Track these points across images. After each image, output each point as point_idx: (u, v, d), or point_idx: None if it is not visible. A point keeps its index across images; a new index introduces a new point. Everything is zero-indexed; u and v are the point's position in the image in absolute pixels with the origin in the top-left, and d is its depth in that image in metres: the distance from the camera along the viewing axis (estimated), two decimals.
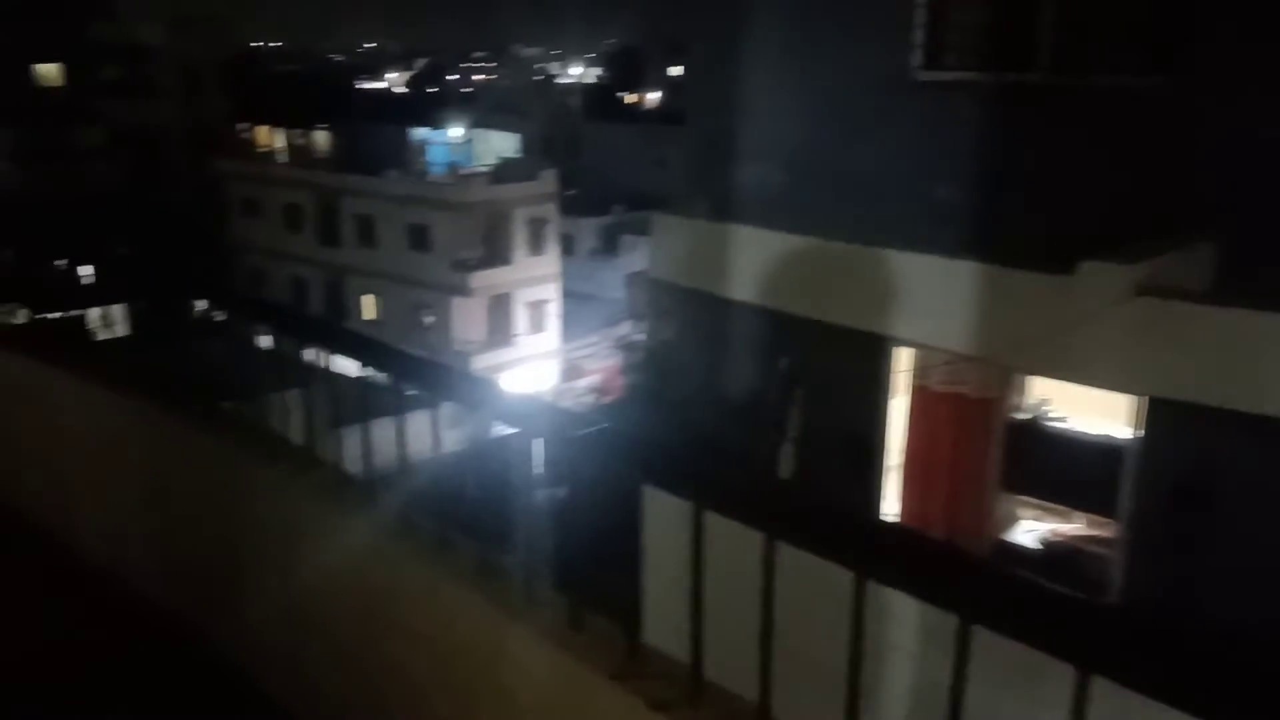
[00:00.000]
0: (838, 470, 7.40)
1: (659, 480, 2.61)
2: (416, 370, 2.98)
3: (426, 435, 2.91)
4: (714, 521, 2.20)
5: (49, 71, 43.24)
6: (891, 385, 7.11)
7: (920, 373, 7.05)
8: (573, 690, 2.49)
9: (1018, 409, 7.16)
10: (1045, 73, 6.45)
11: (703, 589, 2.28)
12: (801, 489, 7.63)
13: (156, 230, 40.83)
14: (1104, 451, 6.48)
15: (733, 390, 8.08)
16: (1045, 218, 6.47)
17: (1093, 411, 6.85)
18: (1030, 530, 7.12)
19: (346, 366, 3.18)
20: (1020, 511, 7.19)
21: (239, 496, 3.69)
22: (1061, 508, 7.10)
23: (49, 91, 43.11)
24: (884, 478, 7.27)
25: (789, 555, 2.10)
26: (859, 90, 7.28)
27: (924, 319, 6.57)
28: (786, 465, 7.63)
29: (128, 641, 3.99)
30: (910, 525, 7.09)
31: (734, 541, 2.17)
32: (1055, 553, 6.93)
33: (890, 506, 7.27)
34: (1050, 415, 7.23)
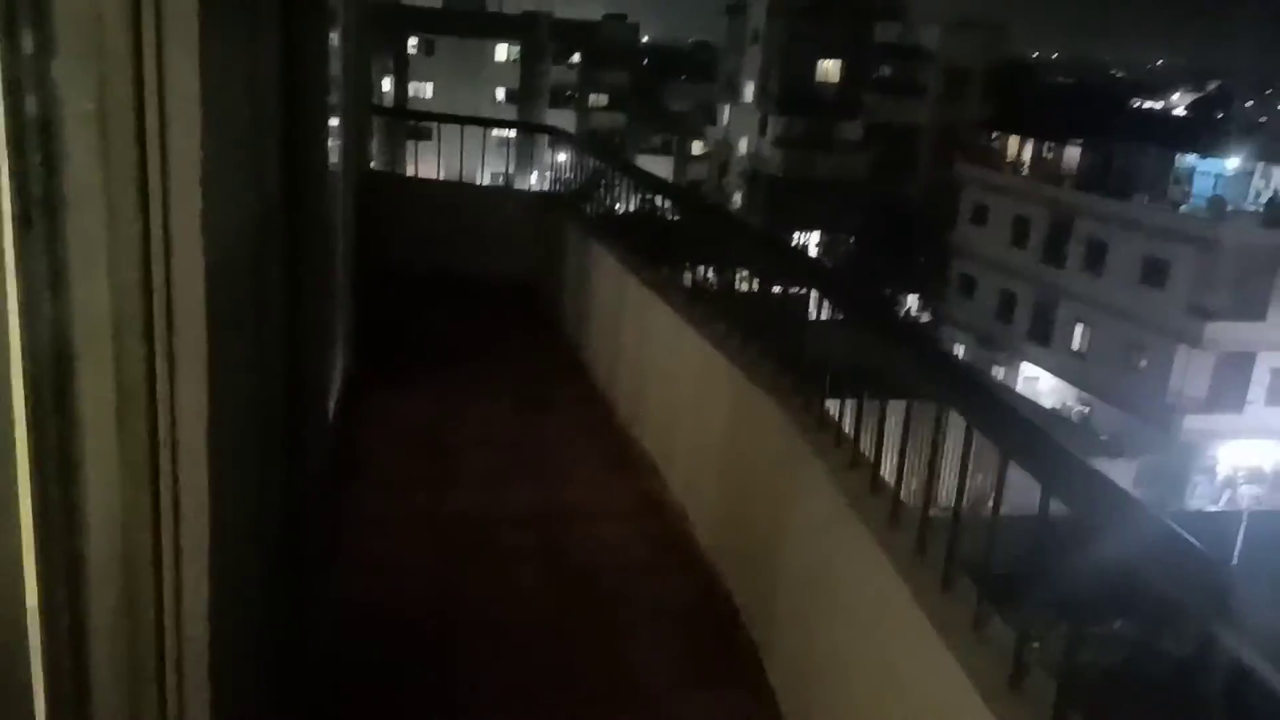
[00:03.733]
0: None
1: None
2: (1071, 474, 2.28)
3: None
4: None
5: (830, 68, 47.02)
6: None
7: None
8: None
9: None
10: None
11: None
12: None
13: (885, 223, 42.55)
14: None
15: None
16: None
17: None
18: None
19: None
20: None
21: (796, 487, 3.78)
22: None
23: (825, 86, 46.99)
24: None
25: None
26: None
27: None
28: None
29: (680, 574, 4.65)
30: None
31: None
32: None
33: None
34: None
